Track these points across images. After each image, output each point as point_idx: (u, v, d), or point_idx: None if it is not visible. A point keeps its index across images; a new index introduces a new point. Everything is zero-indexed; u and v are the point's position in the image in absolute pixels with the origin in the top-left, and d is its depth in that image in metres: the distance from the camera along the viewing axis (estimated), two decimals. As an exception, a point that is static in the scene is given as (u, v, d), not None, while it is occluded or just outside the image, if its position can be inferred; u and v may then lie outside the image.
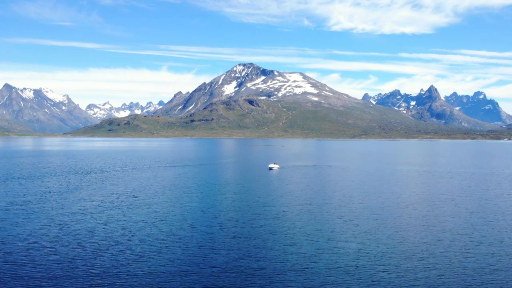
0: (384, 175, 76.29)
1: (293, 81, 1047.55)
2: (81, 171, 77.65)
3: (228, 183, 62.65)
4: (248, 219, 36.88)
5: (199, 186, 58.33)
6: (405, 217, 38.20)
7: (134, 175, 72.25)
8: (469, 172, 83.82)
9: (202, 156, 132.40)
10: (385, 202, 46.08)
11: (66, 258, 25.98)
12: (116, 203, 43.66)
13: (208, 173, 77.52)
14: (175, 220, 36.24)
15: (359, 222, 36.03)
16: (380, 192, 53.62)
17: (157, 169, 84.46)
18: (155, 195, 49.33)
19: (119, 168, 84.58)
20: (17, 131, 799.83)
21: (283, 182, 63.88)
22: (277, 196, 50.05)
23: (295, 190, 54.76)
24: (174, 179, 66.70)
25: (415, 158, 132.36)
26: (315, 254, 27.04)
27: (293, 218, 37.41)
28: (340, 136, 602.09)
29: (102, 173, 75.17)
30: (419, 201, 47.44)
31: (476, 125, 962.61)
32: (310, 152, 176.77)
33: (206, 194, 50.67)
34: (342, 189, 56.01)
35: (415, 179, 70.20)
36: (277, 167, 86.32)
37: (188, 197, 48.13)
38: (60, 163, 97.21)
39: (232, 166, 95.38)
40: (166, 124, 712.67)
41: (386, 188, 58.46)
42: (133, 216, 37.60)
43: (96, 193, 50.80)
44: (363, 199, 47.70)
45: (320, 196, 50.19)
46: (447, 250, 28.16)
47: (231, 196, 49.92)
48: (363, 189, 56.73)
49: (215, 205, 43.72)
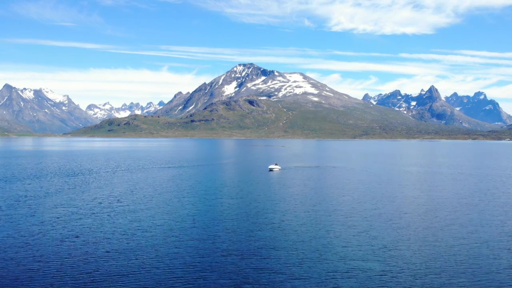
0: (394, 177, 70.96)
1: (293, 81, 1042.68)
2: (69, 173, 72.39)
3: (224, 186, 57.19)
4: (245, 230, 31.55)
5: (192, 189, 52.88)
6: (428, 226, 32.87)
7: (124, 177, 66.98)
8: (482, 173, 78.43)
9: (200, 157, 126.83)
10: (401, 208, 40.81)
11: (22, 277, 20.76)
12: (96, 210, 38.36)
13: (204, 174, 72.10)
14: (160, 232, 30.93)
15: (376, 233, 30.75)
16: (393, 196, 48.30)
17: (150, 170, 79.13)
18: (142, 201, 44.03)
19: (110, 170, 79.21)
20: (17, 131, 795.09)
21: (285, 185, 58.47)
22: (278, 201, 44.74)
23: (298, 195, 49.41)
24: (166, 181, 61.35)
25: (421, 159, 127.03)
26: (329, 279, 21.80)
27: (298, 229, 32.11)
28: (340, 137, 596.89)
29: (91, 174, 69.87)
30: (438, 206, 42.08)
31: (477, 125, 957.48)
32: (311, 152, 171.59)
33: (199, 199, 45.30)
34: (351, 193, 50.58)
35: (428, 181, 64.75)
36: (278, 169, 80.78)
37: (178, 203, 42.79)
38: (50, 164, 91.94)
39: (230, 167, 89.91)
40: (166, 124, 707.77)
41: (399, 191, 53.13)
42: (113, 225, 32.32)
43: (77, 197, 45.50)
44: (376, 205, 42.40)
45: (328, 201, 44.86)
46: (492, 270, 22.92)
47: (226, 201, 44.48)
48: (374, 193, 51.37)
49: (208, 213, 38.36)
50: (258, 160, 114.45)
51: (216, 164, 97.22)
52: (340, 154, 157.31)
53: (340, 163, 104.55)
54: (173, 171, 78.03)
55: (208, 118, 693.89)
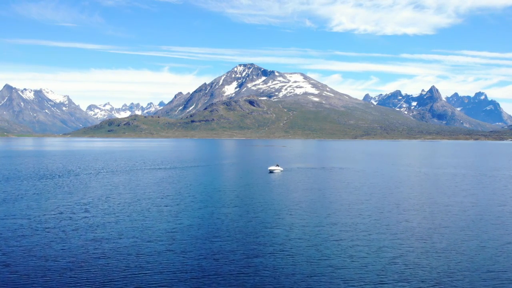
0: (410, 179, 63.64)
1: (293, 81, 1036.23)
2: (48, 174, 65.10)
3: (218, 191, 49.67)
4: (241, 254, 24.21)
5: (179, 195, 45.45)
6: (468, 238, 25.39)
7: (108, 179, 59.75)
8: (504, 175, 71.02)
9: (197, 157, 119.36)
10: (431, 217, 33.29)
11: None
12: (60, 219, 30.95)
13: (196, 177, 64.62)
14: (134, 249, 23.59)
15: (404, 251, 23.37)
16: (420, 205, 40.63)
17: (139, 172, 71.86)
18: (117, 209, 36.59)
19: (94, 171, 71.94)
20: (17, 132, 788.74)
21: (288, 189, 50.99)
22: (281, 210, 37.20)
23: (304, 201, 41.95)
24: (152, 185, 53.83)
25: (431, 159, 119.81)
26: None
27: (307, 250, 24.65)
28: (341, 137, 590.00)
29: (72, 176, 62.56)
30: (480, 216, 34.44)
31: (478, 125, 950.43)
32: (314, 152, 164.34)
33: (184, 208, 37.63)
34: (369, 201, 42.90)
35: (453, 185, 56.98)
36: (279, 170, 74.29)
37: (158, 213, 35.24)
38: (33, 165, 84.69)
39: (227, 168, 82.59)
40: (166, 124, 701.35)
41: (421, 195, 45.81)
42: (76, 239, 24.94)
43: (41, 205, 37.94)
44: (401, 214, 35.01)
45: (341, 209, 37.34)
46: None
47: (218, 211, 36.78)
48: (395, 199, 43.93)
49: (192, 227, 30.79)
50: (257, 161, 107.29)
51: (211, 165, 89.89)
52: (344, 154, 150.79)
53: (347, 164, 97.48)
54: (163, 173, 70.79)
55: (209, 119, 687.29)
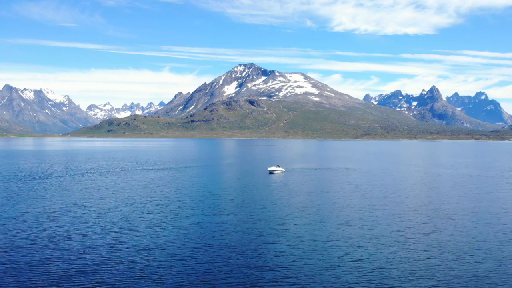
0: (425, 181, 59.14)
1: (294, 81, 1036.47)
2: (29, 175, 61.10)
3: (211, 195, 44.49)
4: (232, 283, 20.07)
5: (165, 200, 40.14)
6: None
7: (92, 180, 55.79)
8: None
9: (193, 158, 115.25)
10: (463, 228, 28.80)
11: None
12: (18, 230, 26.52)
13: (189, 179, 59.76)
14: (107, 262, 19.52)
15: (443, 276, 19.02)
16: (442, 209, 36.20)
17: (128, 173, 67.72)
18: (90, 217, 31.94)
19: (80, 172, 67.78)
20: (17, 132, 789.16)
21: (290, 193, 46.22)
22: (283, 218, 32.23)
23: (309, 208, 36.91)
24: (138, 188, 49.39)
25: (439, 159, 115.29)
26: None
27: (320, 275, 20.30)
28: (342, 137, 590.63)
29: (53, 178, 58.34)
30: (505, 220, 30.32)
31: (478, 125, 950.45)
32: (316, 152, 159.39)
33: (165, 218, 32.03)
34: (382, 205, 37.97)
35: (469, 186, 52.70)
36: (281, 171, 70.49)
37: (136, 222, 30.47)
38: (16, 165, 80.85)
39: (224, 169, 78.48)
40: (166, 124, 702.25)
41: (443, 199, 41.36)
42: (34, 251, 20.83)
43: (4, 212, 33.60)
44: (426, 224, 30.37)
45: (354, 217, 32.34)
46: None
47: (208, 221, 31.70)
48: (414, 204, 39.19)
49: (177, 240, 26.21)
50: (257, 161, 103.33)
51: (208, 166, 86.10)
52: (347, 154, 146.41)
53: (352, 164, 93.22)
54: (154, 174, 66.68)
55: (209, 118, 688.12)
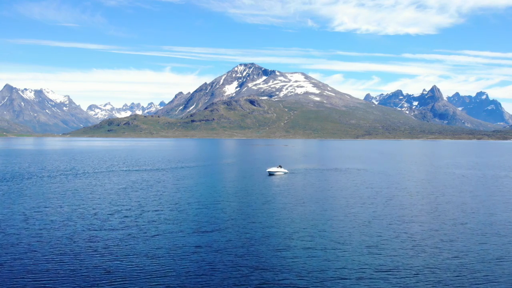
0: (450, 183, 55.46)
1: (294, 81, 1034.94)
2: (2, 176, 59.25)
3: (200, 201, 39.30)
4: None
5: (148, 207, 35.85)
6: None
7: (71, 182, 53.13)
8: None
9: (189, 157, 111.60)
10: None
11: None
12: None
13: (177, 181, 55.35)
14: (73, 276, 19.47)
15: None
16: (483, 217, 33.08)
17: (112, 174, 64.56)
18: (53, 225, 28.96)
19: (57, 172, 65.28)
20: (17, 131, 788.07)
21: (297, 200, 40.24)
22: (289, 234, 27.01)
23: (324, 220, 31.39)
24: (123, 190, 45.75)
25: (453, 159, 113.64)
26: None
27: None
28: (343, 137, 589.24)
29: (25, 180, 55.55)
30: None
31: (479, 125, 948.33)
32: (319, 152, 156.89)
33: (139, 231, 27.41)
34: (418, 215, 33.51)
35: (503, 189, 49.65)
36: (282, 172, 65.62)
37: (105, 233, 26.72)
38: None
39: (221, 170, 74.63)
40: (166, 124, 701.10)
41: (480, 205, 38.29)
42: None
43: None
44: (472, 236, 27.30)
45: (388, 236, 26.97)
46: None
47: (189, 241, 25.09)
48: (450, 212, 35.09)
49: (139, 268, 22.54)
50: (257, 161, 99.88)
51: (204, 166, 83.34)
52: (353, 153, 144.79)
53: (362, 164, 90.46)
54: (136, 175, 63.07)
55: (209, 118, 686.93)
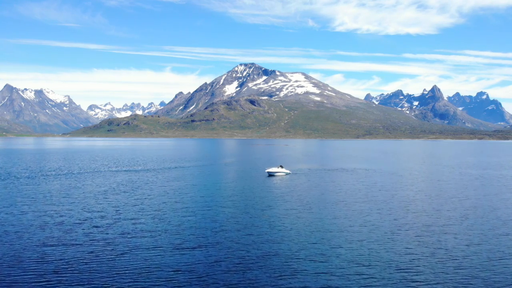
0: (469, 184, 52.77)
1: (295, 81, 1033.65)
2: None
3: (188, 207, 35.96)
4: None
5: (125, 214, 32.88)
6: None
7: (49, 184, 50.68)
8: None
9: (184, 158, 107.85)
10: None
11: None
12: None
13: (165, 183, 52.39)
14: None
15: None
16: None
17: (98, 174, 61.97)
18: (14, 235, 26.15)
19: (40, 173, 62.88)
20: (17, 131, 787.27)
21: (302, 205, 36.76)
22: (294, 248, 23.66)
23: (337, 230, 27.89)
24: (102, 193, 43.32)
25: (466, 158, 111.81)
26: None
27: None
28: (343, 136, 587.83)
29: (4, 180, 53.73)
30: None
31: (480, 125, 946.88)
32: (321, 152, 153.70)
33: (115, 244, 24.45)
34: (447, 223, 30.54)
35: None
36: (284, 173, 62.14)
37: (60, 250, 23.16)
38: None
39: (219, 171, 71.42)
40: (166, 124, 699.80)
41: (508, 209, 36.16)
42: None
43: None
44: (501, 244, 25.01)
45: (418, 251, 23.58)
46: None
47: (171, 260, 21.43)
48: (481, 219, 32.37)
49: None
50: (257, 161, 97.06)
51: (202, 166, 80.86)
52: (357, 153, 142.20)
53: (368, 164, 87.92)
54: (131, 175, 61.13)
55: (209, 118, 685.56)
